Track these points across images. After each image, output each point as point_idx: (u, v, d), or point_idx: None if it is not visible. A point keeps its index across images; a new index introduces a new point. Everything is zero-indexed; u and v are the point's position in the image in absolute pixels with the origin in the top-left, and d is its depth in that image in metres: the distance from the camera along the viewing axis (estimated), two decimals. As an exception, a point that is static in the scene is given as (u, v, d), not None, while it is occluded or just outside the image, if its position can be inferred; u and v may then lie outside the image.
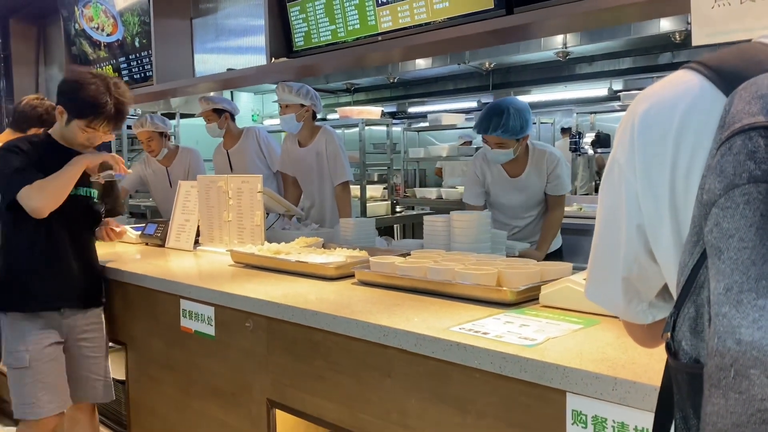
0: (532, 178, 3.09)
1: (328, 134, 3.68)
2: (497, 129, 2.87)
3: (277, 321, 1.93)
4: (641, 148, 0.77)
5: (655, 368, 1.21)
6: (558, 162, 3.07)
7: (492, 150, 2.98)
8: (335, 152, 3.62)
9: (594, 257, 0.90)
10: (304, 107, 3.56)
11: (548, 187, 3.10)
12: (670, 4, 1.72)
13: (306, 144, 3.71)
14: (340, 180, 3.64)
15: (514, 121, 2.87)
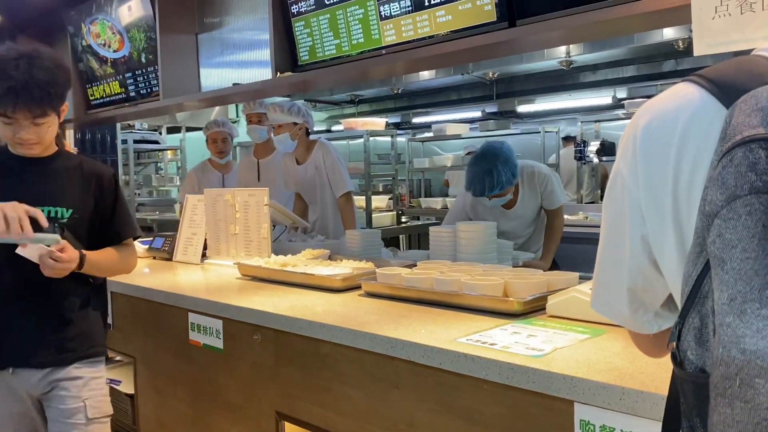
0: (526, 202, 3.15)
1: (325, 147, 3.72)
2: (494, 189, 2.93)
3: (284, 333, 1.94)
4: (644, 160, 0.78)
5: (663, 377, 1.21)
6: (548, 179, 3.12)
7: (490, 201, 3.04)
8: (333, 164, 3.65)
9: (599, 268, 0.91)
10: (297, 125, 3.61)
11: (544, 203, 3.16)
12: (671, 15, 1.73)
13: (303, 160, 3.75)
14: (341, 191, 3.65)
15: (505, 174, 2.91)
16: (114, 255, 2.01)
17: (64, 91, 1.89)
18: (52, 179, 1.94)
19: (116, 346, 2.73)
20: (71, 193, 1.94)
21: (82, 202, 1.95)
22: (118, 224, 2.04)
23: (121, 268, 2.09)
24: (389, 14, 2.53)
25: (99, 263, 1.95)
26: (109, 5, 4.04)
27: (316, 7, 2.82)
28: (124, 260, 2.07)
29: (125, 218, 2.07)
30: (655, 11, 1.73)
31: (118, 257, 2.03)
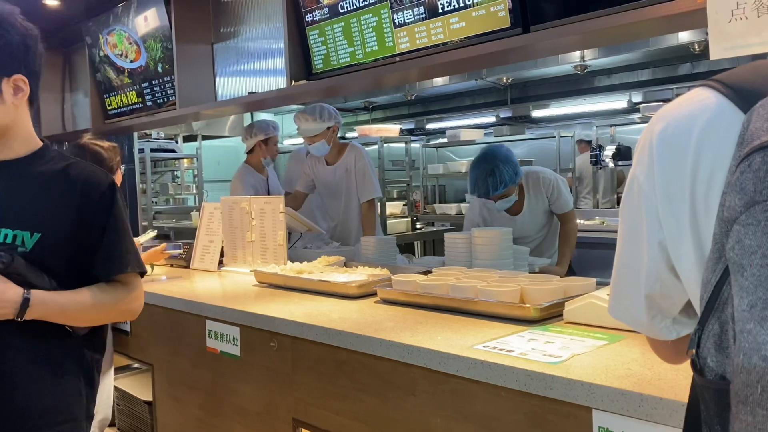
0: (532, 207, 3.14)
1: (357, 151, 3.69)
2: (497, 188, 2.93)
3: (301, 340, 1.95)
4: (660, 167, 0.78)
5: (682, 384, 1.20)
6: (554, 183, 3.12)
7: (496, 203, 3.03)
8: (364, 169, 3.62)
9: (616, 274, 0.90)
10: (330, 128, 3.59)
11: (553, 207, 3.15)
12: (686, 19, 1.72)
13: (334, 161, 3.71)
14: (367, 197, 3.62)
15: (507, 173, 2.93)
16: (90, 297, 1.45)
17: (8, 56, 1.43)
18: (14, 190, 1.43)
19: (134, 354, 2.75)
20: (41, 210, 1.42)
21: (57, 222, 1.43)
22: (107, 254, 1.48)
23: (108, 314, 1.53)
24: (403, 22, 2.54)
25: (63, 308, 1.42)
26: (126, 16, 4.09)
27: (330, 15, 2.84)
28: (111, 305, 1.50)
29: (118, 246, 1.50)
30: (670, 15, 1.72)
31: (98, 300, 1.47)
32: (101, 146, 2.72)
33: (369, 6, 2.66)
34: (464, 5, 2.32)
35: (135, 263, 1.55)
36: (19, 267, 1.36)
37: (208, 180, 7.69)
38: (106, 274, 1.50)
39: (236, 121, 7.57)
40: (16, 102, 1.45)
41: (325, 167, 3.76)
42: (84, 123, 5.11)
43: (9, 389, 1.39)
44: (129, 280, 1.54)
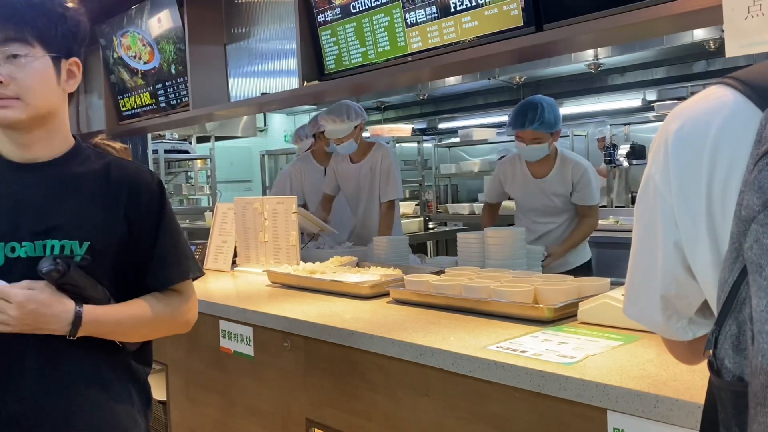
0: (555, 181, 3.10)
1: (384, 150, 3.68)
2: (533, 122, 2.93)
3: (314, 341, 1.95)
4: (676, 166, 0.77)
5: (698, 385, 1.19)
6: (584, 172, 3.07)
7: (527, 146, 3.00)
8: (389, 168, 3.61)
9: (631, 275, 0.89)
10: (357, 126, 3.58)
11: (575, 196, 3.09)
12: (701, 16, 1.70)
13: (359, 159, 3.70)
14: (389, 197, 3.61)
15: (548, 114, 2.95)
16: (147, 310, 1.33)
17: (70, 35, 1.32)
18: (56, 196, 1.28)
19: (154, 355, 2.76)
20: (88, 217, 1.29)
21: (106, 228, 1.30)
22: (164, 260, 1.36)
23: (166, 327, 1.41)
24: (415, 21, 2.54)
25: (118, 323, 1.30)
26: (139, 18, 4.12)
27: (342, 15, 2.84)
28: (169, 316, 1.38)
29: (175, 250, 1.38)
30: (685, 12, 1.71)
31: (156, 313, 1.34)
32: (113, 147, 2.73)
33: (381, 6, 2.65)
34: (476, 4, 2.31)
35: (195, 268, 1.42)
36: (77, 278, 1.22)
37: (221, 181, 7.73)
38: (164, 283, 1.36)
39: (249, 122, 7.60)
40: (67, 88, 1.34)
41: (349, 165, 3.74)
42: (98, 124, 5.15)
43: (63, 414, 1.25)
44: (184, 289, 1.40)
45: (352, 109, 3.54)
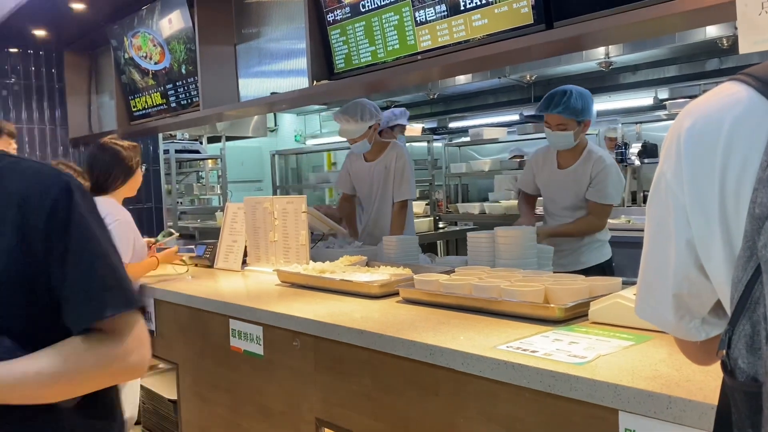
0: (578, 174, 3.05)
1: (399, 149, 3.67)
2: (558, 106, 2.91)
3: (323, 340, 1.95)
4: (688, 163, 0.76)
5: (711, 386, 1.17)
6: (605, 168, 3.00)
7: (553, 132, 2.98)
8: (404, 167, 3.60)
9: (643, 273, 0.88)
10: (371, 127, 3.57)
11: (590, 191, 3.02)
12: (715, 12, 1.68)
13: (373, 158, 3.70)
14: (402, 197, 3.60)
15: (575, 101, 2.92)
16: (53, 364, 0.98)
17: None
18: None
19: (159, 353, 2.78)
20: None
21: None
22: (75, 294, 1.01)
23: (97, 376, 1.04)
24: (424, 20, 2.53)
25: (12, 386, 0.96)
26: (150, 18, 4.14)
27: (351, 14, 2.83)
28: (95, 367, 1.02)
29: (88, 279, 1.03)
30: (697, 9, 1.69)
31: (68, 366, 0.99)
32: (121, 145, 2.77)
33: (390, 4, 2.65)
34: (486, 2, 2.30)
35: (119, 300, 1.04)
36: None
37: (232, 180, 7.75)
38: (76, 323, 1.01)
39: (259, 122, 7.62)
40: None
41: (363, 163, 3.74)
42: (110, 125, 5.19)
43: None
44: (116, 326, 1.03)
45: (366, 110, 3.53)
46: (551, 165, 3.16)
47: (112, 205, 2.71)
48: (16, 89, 5.26)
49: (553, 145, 3.07)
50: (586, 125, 3.00)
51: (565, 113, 2.91)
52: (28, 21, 4.77)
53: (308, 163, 9.13)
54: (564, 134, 2.97)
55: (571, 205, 3.10)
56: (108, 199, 2.74)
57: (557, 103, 2.93)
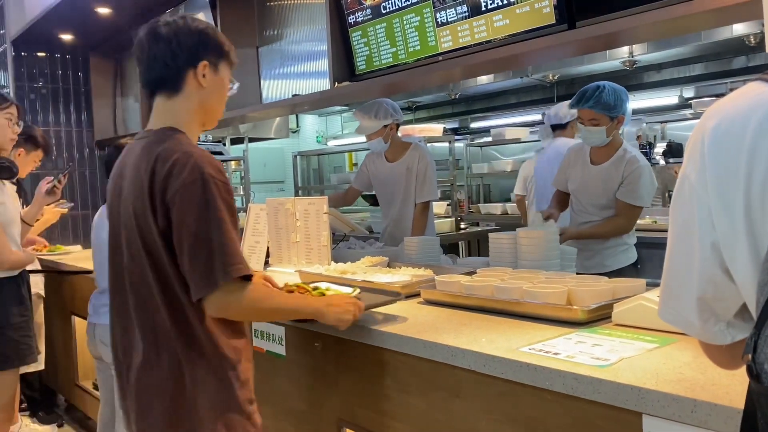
0: (610, 173, 3.00)
1: (421, 151, 3.68)
2: (590, 101, 2.88)
3: (345, 341, 1.95)
4: (713, 165, 0.75)
5: (737, 390, 1.16)
6: (638, 168, 2.94)
7: (585, 128, 2.95)
8: (425, 169, 3.60)
9: (667, 276, 0.88)
10: (388, 126, 3.57)
11: (620, 190, 2.96)
12: (741, 10, 1.66)
13: (395, 159, 3.70)
14: (424, 198, 3.60)
15: (608, 96, 2.88)
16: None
17: None
18: None
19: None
20: None
21: None
22: None
23: None
24: (446, 21, 2.53)
25: None
26: (174, 22, 4.19)
27: (372, 16, 2.84)
28: None
29: None
30: (724, 7, 1.67)
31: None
32: None
33: (411, 6, 2.65)
34: (508, 2, 2.29)
35: None
36: None
37: (254, 182, 7.81)
38: None
39: (281, 123, 7.66)
40: None
41: (385, 164, 3.74)
42: (135, 127, 5.26)
43: None
44: None
45: (383, 108, 3.54)
46: (583, 160, 3.12)
47: None
48: (43, 93, 5.36)
49: (586, 140, 3.03)
50: (620, 121, 2.96)
51: (596, 108, 2.88)
52: (55, 26, 4.87)
53: (330, 164, 9.16)
54: (596, 129, 2.93)
55: (600, 203, 3.05)
56: None
57: (589, 97, 2.90)
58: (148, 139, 1.58)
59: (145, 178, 1.48)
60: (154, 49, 1.56)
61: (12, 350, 2.98)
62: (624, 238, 3.06)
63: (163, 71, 1.57)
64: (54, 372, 4.33)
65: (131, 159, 1.60)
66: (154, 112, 1.63)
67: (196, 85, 1.59)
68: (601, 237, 3.02)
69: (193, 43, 1.57)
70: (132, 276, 1.56)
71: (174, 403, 1.52)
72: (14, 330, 2.99)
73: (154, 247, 1.49)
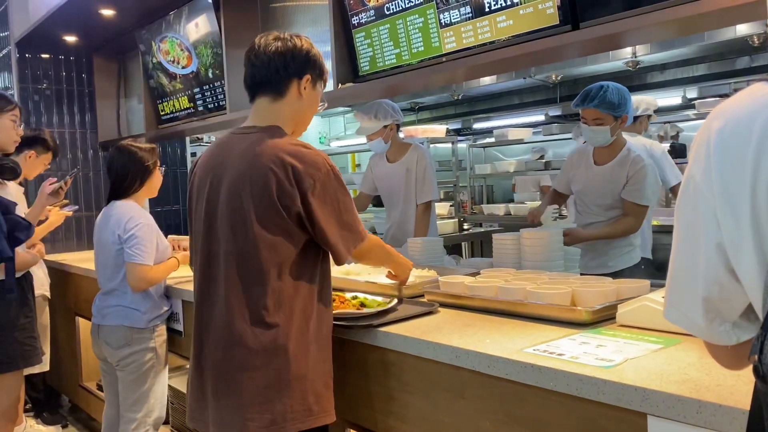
0: (615, 173, 3.00)
1: (420, 151, 3.69)
2: (594, 100, 2.89)
3: (348, 341, 1.95)
4: (718, 166, 0.76)
5: (743, 390, 1.16)
6: (642, 167, 2.94)
7: (590, 128, 2.95)
8: (426, 169, 3.62)
9: (672, 277, 0.88)
10: (387, 126, 3.60)
11: (626, 190, 2.96)
12: (746, 10, 1.66)
13: (395, 160, 3.72)
14: (425, 198, 3.62)
15: (612, 95, 2.89)
16: None
17: None
18: None
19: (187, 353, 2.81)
20: None
21: None
22: None
23: None
24: (449, 22, 2.53)
25: None
26: (177, 23, 4.20)
27: (376, 17, 2.84)
28: None
29: None
30: (727, 8, 1.66)
31: None
32: (138, 147, 2.82)
33: (415, 7, 2.65)
34: (511, 3, 2.29)
35: None
36: None
37: (257, 182, 7.80)
38: None
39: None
40: None
41: (386, 165, 3.77)
42: (138, 128, 5.27)
43: None
44: None
45: (382, 109, 3.56)
46: (587, 160, 3.12)
47: (134, 208, 2.75)
48: (47, 94, 5.37)
49: (590, 140, 3.02)
50: (624, 120, 2.96)
51: (601, 107, 2.88)
52: (59, 27, 4.87)
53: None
54: (601, 129, 2.93)
55: (606, 203, 3.04)
56: (129, 202, 2.78)
57: (593, 97, 2.90)
58: (256, 134, 1.77)
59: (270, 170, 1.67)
60: (270, 55, 1.79)
61: (16, 352, 2.99)
62: (630, 239, 3.06)
63: (274, 76, 1.79)
64: (58, 373, 4.34)
65: (236, 150, 1.77)
66: (255, 111, 1.84)
67: (297, 95, 1.82)
68: (611, 237, 3.02)
69: (303, 58, 1.81)
70: (234, 257, 1.73)
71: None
72: (18, 331, 3.00)
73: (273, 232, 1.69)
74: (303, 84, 1.81)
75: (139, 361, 2.72)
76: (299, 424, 1.69)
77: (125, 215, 2.70)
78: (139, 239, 2.66)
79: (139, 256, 2.64)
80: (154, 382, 2.75)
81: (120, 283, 2.73)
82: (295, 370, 1.70)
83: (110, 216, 2.76)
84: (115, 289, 2.76)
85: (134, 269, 2.64)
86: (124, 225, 2.68)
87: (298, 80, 1.81)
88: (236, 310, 1.72)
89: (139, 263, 2.64)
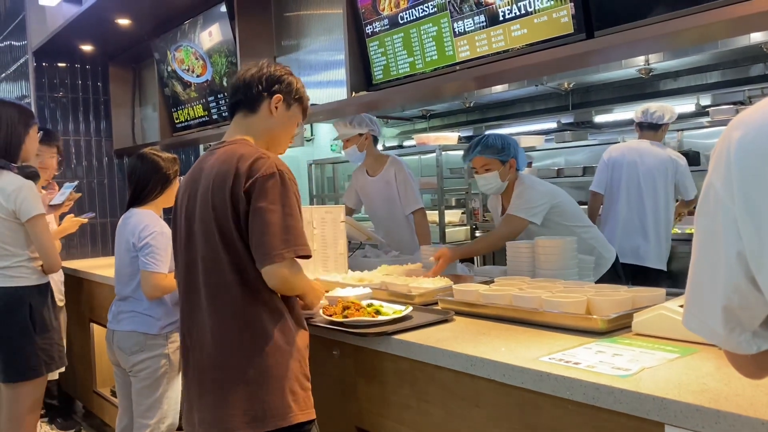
0: None
1: (397, 164, 3.79)
2: (477, 147, 2.96)
3: (363, 349, 1.96)
4: (739, 175, 0.76)
5: (763, 401, 1.15)
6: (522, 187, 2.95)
7: (481, 176, 3.00)
8: (405, 181, 3.72)
9: (691, 285, 0.87)
10: (363, 135, 3.67)
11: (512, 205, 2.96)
12: (761, 19, 1.65)
13: (375, 173, 3.82)
14: (413, 208, 3.72)
15: (494, 140, 2.97)
16: None
17: None
18: None
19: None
20: None
21: None
22: None
23: None
24: (463, 30, 2.54)
25: None
26: (192, 32, 4.24)
27: (390, 26, 2.86)
28: None
29: None
30: (743, 16, 1.66)
31: None
32: (160, 156, 2.86)
33: (429, 16, 2.67)
34: (525, 12, 2.30)
35: None
36: None
37: (270, 190, 7.83)
38: None
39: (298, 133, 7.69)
40: None
41: (367, 178, 3.87)
42: (153, 136, 5.31)
43: None
44: None
45: (359, 117, 3.67)
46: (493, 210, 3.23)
47: (151, 216, 2.78)
48: (63, 102, 5.43)
49: (483, 189, 3.07)
50: (512, 165, 2.98)
51: (485, 153, 2.94)
52: (75, 37, 4.94)
53: (344, 172, 9.18)
54: (491, 175, 2.95)
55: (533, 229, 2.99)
56: (146, 210, 2.80)
57: (476, 144, 2.98)
58: (225, 146, 1.88)
59: (228, 174, 1.76)
60: (248, 78, 1.94)
61: (42, 358, 3.01)
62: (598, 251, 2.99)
63: (248, 93, 1.92)
64: (72, 379, 4.37)
65: (208, 163, 1.87)
66: (231, 126, 1.97)
67: (268, 112, 1.93)
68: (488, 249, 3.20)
69: (275, 79, 1.94)
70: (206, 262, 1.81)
71: None
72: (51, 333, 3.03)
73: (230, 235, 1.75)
74: (274, 102, 1.93)
75: (152, 367, 2.73)
76: (280, 421, 1.75)
77: (140, 223, 2.73)
78: (154, 247, 2.68)
79: (153, 265, 2.66)
80: (167, 389, 2.76)
81: (134, 290, 2.75)
82: (274, 369, 1.76)
83: (127, 224, 2.78)
84: (129, 296, 2.78)
85: (148, 277, 2.66)
86: (138, 233, 2.70)
87: (269, 98, 1.92)
88: (213, 313, 1.81)
89: (153, 271, 2.66)
